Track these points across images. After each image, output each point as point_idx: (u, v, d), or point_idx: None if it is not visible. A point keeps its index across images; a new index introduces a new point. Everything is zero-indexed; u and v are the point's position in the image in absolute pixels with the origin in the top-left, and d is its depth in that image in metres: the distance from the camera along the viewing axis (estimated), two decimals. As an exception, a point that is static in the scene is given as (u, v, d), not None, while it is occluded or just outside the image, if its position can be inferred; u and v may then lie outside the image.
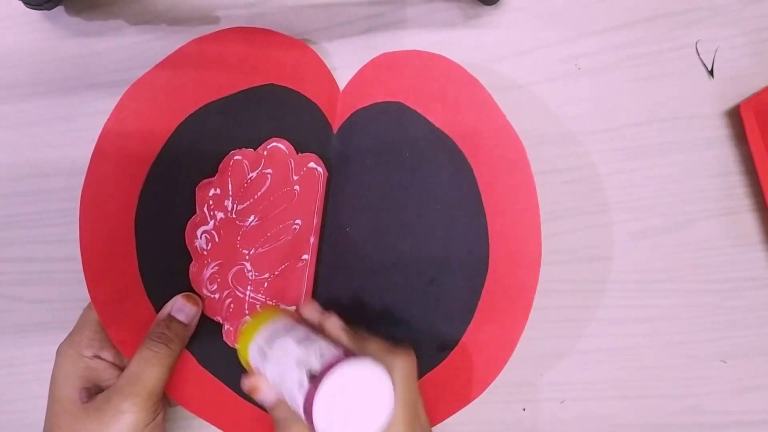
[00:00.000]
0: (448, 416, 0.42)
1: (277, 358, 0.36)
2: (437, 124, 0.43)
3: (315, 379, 0.32)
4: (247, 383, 0.39)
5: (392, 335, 0.43)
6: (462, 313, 0.42)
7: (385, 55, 0.44)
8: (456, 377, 0.42)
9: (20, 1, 0.43)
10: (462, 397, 0.42)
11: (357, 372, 0.33)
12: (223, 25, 0.45)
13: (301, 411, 0.33)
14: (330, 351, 0.35)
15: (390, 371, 0.34)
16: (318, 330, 0.39)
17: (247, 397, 0.42)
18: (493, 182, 0.42)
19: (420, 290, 0.43)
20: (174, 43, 0.42)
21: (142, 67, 0.42)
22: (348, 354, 0.35)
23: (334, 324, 0.39)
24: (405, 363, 0.37)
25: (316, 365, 0.33)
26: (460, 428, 0.46)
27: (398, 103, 0.43)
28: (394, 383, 0.34)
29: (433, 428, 0.43)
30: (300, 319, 0.41)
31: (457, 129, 0.43)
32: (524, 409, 0.46)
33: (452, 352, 0.43)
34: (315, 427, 0.32)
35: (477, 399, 0.42)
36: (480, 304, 0.42)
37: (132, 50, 0.45)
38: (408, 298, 0.43)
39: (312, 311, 0.41)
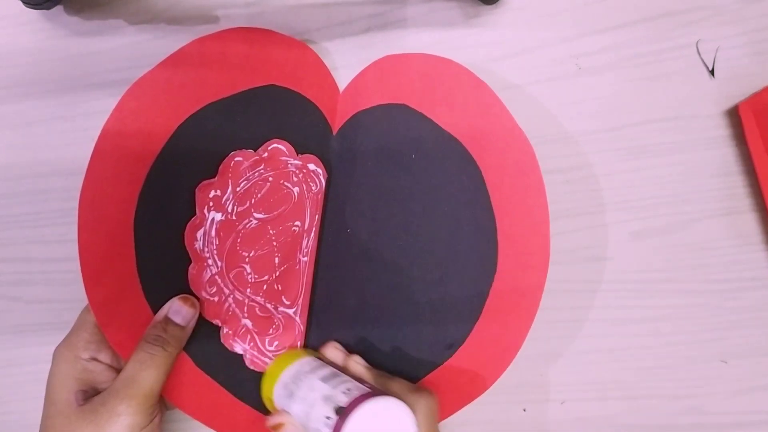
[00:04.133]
0: (451, 413, 0.43)
1: (304, 395, 0.37)
2: (444, 127, 0.43)
3: (342, 413, 0.34)
4: (272, 420, 0.39)
5: (395, 334, 0.43)
6: (469, 312, 0.43)
7: (388, 57, 0.44)
8: (461, 375, 0.43)
9: (19, 1, 0.43)
10: (465, 395, 0.43)
11: (383, 408, 0.34)
12: (223, 25, 0.44)
13: None
14: (357, 387, 0.36)
15: (413, 409, 0.35)
16: (342, 370, 0.41)
17: (245, 400, 0.43)
18: (501, 184, 0.42)
19: (425, 290, 0.43)
20: (173, 43, 0.42)
21: (142, 66, 0.41)
22: (373, 391, 0.36)
23: (357, 363, 0.41)
24: (428, 402, 0.38)
25: (343, 400, 0.35)
26: (461, 428, 0.46)
27: (403, 105, 0.43)
28: (417, 421, 0.35)
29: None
30: (324, 360, 0.42)
31: (465, 131, 0.43)
32: (525, 410, 0.46)
33: (458, 351, 0.43)
34: None
35: (478, 399, 0.42)
36: (487, 305, 0.42)
37: (131, 50, 0.45)
38: (412, 298, 0.43)
39: (335, 352, 0.43)
